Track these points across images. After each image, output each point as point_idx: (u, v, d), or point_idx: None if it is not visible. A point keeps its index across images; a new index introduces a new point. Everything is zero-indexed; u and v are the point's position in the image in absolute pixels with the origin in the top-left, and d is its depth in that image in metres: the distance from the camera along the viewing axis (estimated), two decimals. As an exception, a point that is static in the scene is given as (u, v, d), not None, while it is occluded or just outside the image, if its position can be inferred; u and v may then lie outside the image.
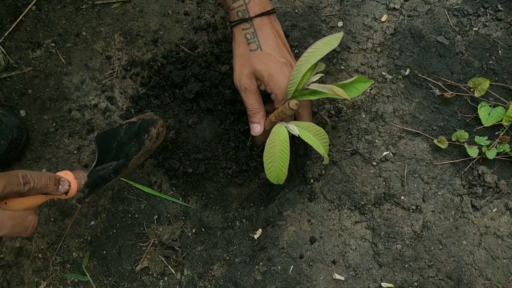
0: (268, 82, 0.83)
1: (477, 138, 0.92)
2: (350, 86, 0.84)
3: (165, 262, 0.92)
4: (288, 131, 0.81)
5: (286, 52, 0.86)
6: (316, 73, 0.82)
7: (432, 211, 0.91)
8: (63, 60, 1.03)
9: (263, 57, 0.82)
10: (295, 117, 0.89)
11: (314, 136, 0.82)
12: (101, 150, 0.76)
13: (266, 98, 0.89)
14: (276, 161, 0.80)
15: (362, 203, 0.92)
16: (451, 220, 0.91)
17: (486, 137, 0.92)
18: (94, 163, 0.75)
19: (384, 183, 0.93)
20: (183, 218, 0.95)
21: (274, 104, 0.86)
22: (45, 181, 0.63)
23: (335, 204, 0.93)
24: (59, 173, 0.69)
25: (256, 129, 0.86)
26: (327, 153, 0.83)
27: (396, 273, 0.88)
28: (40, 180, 0.62)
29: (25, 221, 0.60)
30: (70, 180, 0.68)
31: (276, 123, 0.83)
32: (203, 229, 0.94)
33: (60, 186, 0.66)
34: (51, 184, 0.64)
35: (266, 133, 0.85)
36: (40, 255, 0.94)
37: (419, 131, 0.96)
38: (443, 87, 0.98)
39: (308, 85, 0.81)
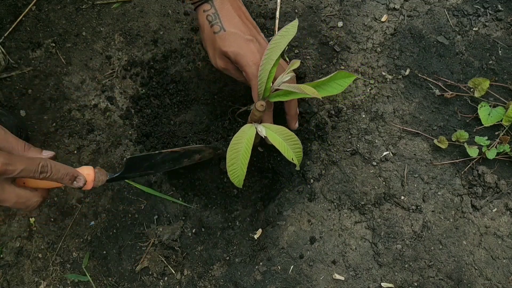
0: (236, 61, 0.80)
1: (477, 138, 0.92)
2: (332, 83, 0.80)
3: (165, 262, 0.92)
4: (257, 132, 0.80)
5: (252, 28, 0.84)
6: (289, 72, 0.79)
7: (432, 211, 0.91)
8: (63, 60, 1.03)
9: (227, 37, 0.80)
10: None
11: (285, 141, 0.80)
12: (128, 169, 0.78)
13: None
14: (239, 158, 0.78)
15: (362, 203, 0.92)
16: (451, 220, 0.91)
17: (486, 137, 0.92)
18: (117, 174, 0.78)
19: (384, 183, 0.93)
20: (183, 218, 0.95)
21: (248, 83, 0.83)
22: (61, 175, 0.67)
23: (335, 204, 0.93)
24: (81, 169, 0.72)
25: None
26: (299, 161, 0.81)
27: (396, 273, 0.88)
28: (58, 172, 0.66)
29: (29, 201, 0.65)
30: (89, 180, 0.72)
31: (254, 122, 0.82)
32: (203, 229, 0.94)
33: (74, 182, 0.70)
34: (67, 179, 0.68)
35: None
36: (40, 255, 0.94)
37: (419, 131, 0.96)
38: (443, 87, 0.98)
39: (279, 86, 0.79)
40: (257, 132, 0.80)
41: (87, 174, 0.72)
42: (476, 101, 0.96)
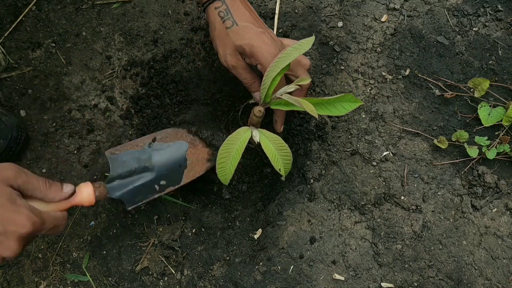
0: (251, 54, 0.81)
1: (477, 138, 0.92)
2: (337, 104, 0.80)
3: (165, 262, 0.92)
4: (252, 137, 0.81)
5: (261, 23, 0.85)
6: (295, 84, 0.80)
7: (432, 211, 0.91)
8: (63, 60, 1.03)
9: (240, 31, 0.81)
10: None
11: (277, 150, 0.81)
12: (114, 168, 0.86)
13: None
14: (229, 159, 0.80)
15: (362, 203, 0.92)
16: (451, 220, 0.91)
17: (486, 137, 0.92)
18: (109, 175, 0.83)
19: (384, 183, 0.93)
20: (183, 218, 0.95)
21: (251, 84, 0.85)
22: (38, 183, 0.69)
23: (335, 204, 0.93)
24: (79, 187, 0.76)
25: (258, 96, 0.87)
26: (286, 172, 0.82)
27: (396, 273, 0.88)
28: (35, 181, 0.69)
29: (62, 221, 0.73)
30: (90, 197, 0.76)
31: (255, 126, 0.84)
32: (203, 229, 0.94)
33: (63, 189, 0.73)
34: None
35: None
36: (40, 255, 0.94)
37: (419, 131, 0.96)
38: (443, 87, 0.98)
39: (281, 95, 0.79)
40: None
41: (85, 184, 0.76)
42: (476, 101, 0.96)
